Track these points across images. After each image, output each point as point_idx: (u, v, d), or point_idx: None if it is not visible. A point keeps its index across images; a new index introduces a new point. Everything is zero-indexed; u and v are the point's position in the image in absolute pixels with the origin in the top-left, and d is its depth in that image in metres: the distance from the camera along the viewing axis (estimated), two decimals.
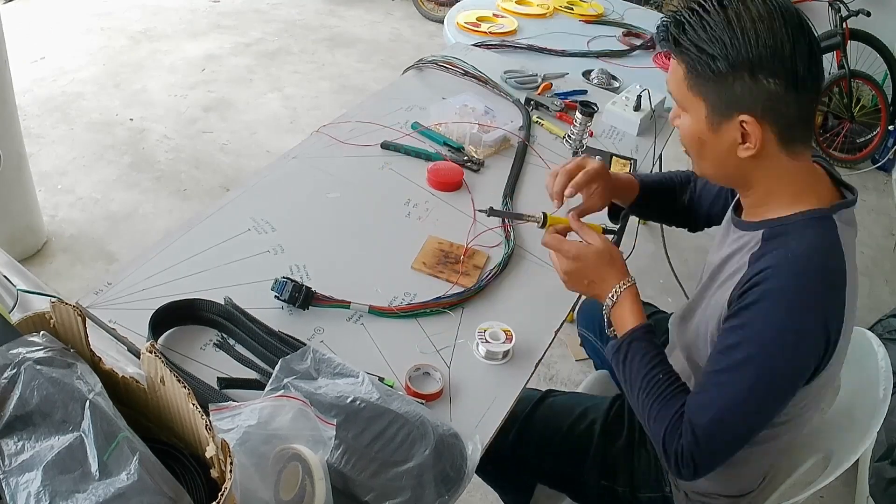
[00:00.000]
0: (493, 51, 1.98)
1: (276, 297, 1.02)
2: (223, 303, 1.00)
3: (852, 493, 1.89)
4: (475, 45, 1.98)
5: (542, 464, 1.19)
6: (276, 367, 0.84)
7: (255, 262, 1.11)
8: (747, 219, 0.96)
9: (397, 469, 0.76)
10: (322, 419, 0.73)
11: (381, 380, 0.93)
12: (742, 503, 1.09)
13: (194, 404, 0.63)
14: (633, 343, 0.96)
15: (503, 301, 1.12)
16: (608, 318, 1.01)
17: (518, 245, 1.23)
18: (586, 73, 1.91)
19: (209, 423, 0.63)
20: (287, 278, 1.03)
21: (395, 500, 0.74)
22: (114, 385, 0.71)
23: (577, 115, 1.47)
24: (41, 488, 0.57)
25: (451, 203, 1.32)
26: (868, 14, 3.22)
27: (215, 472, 0.62)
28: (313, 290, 1.03)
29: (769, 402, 0.87)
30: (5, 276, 0.97)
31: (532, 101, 1.68)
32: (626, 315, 0.99)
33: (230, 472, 0.59)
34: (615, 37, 2.21)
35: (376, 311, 1.05)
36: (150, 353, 0.67)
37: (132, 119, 3.15)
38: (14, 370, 0.63)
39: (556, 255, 1.03)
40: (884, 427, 1.15)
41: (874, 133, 3.49)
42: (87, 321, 0.72)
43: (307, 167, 1.37)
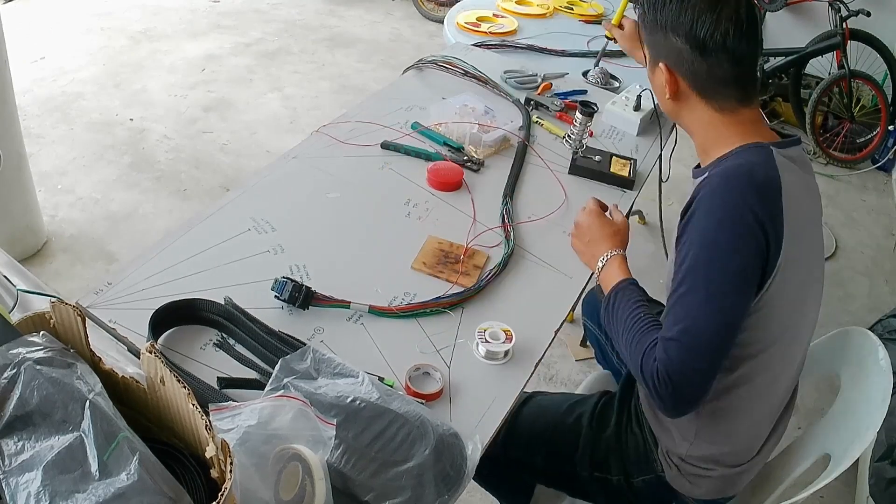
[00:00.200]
0: (493, 51, 1.98)
1: (276, 296, 1.02)
2: (223, 303, 1.00)
3: (852, 493, 1.89)
4: (475, 45, 1.98)
5: (535, 462, 1.20)
6: (276, 367, 0.84)
7: (255, 262, 1.12)
8: (702, 160, 1.07)
9: (397, 469, 0.76)
10: (322, 419, 0.73)
11: (381, 380, 0.93)
12: (734, 478, 1.08)
13: (194, 404, 0.63)
14: (619, 292, 1.05)
15: (503, 301, 1.12)
16: (598, 284, 1.12)
17: (518, 245, 1.23)
18: (586, 73, 1.91)
19: (209, 423, 0.63)
20: (287, 278, 1.03)
21: (395, 500, 0.74)
22: (114, 385, 0.71)
23: (577, 115, 1.47)
24: (41, 488, 0.57)
25: (451, 203, 1.32)
26: (868, 14, 3.22)
27: (215, 472, 0.62)
28: (313, 289, 1.03)
29: (728, 298, 0.90)
30: (5, 276, 0.97)
31: (532, 101, 1.68)
32: (615, 273, 1.08)
33: (230, 472, 0.59)
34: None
35: (376, 311, 1.05)
36: (150, 353, 0.67)
37: (132, 119, 3.15)
38: (14, 370, 0.63)
39: (582, 211, 1.19)
40: (884, 427, 1.15)
41: (874, 133, 3.49)
42: (87, 321, 0.72)
43: (307, 167, 1.37)
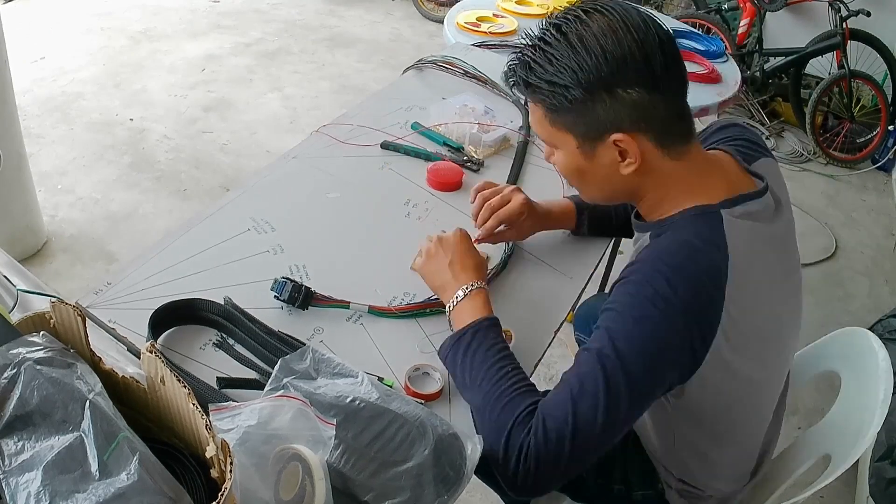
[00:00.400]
0: (493, 51, 1.98)
1: (275, 297, 1.02)
2: (223, 303, 1.00)
3: (852, 493, 1.89)
4: (475, 45, 1.98)
5: None
6: (276, 367, 0.84)
7: (254, 262, 1.12)
8: (644, 220, 0.96)
9: (397, 469, 0.76)
10: (322, 419, 0.73)
11: (381, 380, 0.93)
12: (734, 499, 1.09)
13: (194, 404, 0.63)
14: (480, 331, 0.93)
15: (503, 301, 1.12)
16: (450, 316, 0.99)
17: (518, 245, 1.23)
18: None
19: (209, 423, 0.63)
20: (287, 278, 1.03)
21: (395, 500, 0.74)
22: (114, 385, 0.71)
23: None
24: (41, 488, 0.57)
25: (451, 203, 1.32)
26: (868, 14, 3.22)
27: (215, 472, 0.62)
28: (313, 290, 1.03)
29: (621, 405, 0.80)
30: (5, 276, 0.97)
31: None
32: (478, 308, 0.97)
33: (230, 472, 0.59)
34: None
35: (376, 312, 1.05)
36: (150, 352, 0.67)
37: (132, 119, 3.15)
38: (14, 370, 0.63)
39: (441, 233, 1.06)
40: (884, 427, 1.15)
41: (874, 133, 3.50)
42: (87, 321, 0.72)
43: (307, 167, 1.37)
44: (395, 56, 4.04)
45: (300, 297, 1.01)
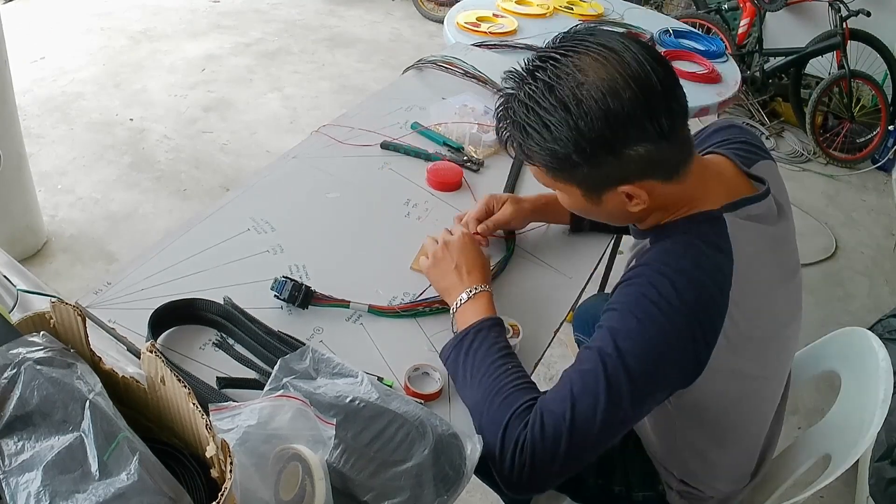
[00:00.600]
0: (493, 51, 1.97)
1: (275, 296, 1.02)
2: (222, 302, 1.00)
3: (852, 493, 1.89)
4: (475, 45, 1.98)
5: None
6: (276, 367, 0.84)
7: (254, 262, 1.12)
8: (642, 227, 0.95)
9: (396, 469, 0.76)
10: (322, 419, 0.73)
11: (381, 379, 0.93)
12: (734, 500, 1.09)
13: (194, 404, 0.63)
14: (482, 330, 0.93)
15: (503, 301, 1.12)
16: (454, 317, 1.00)
17: (518, 245, 1.23)
18: None
19: (209, 422, 0.63)
20: (287, 278, 1.03)
21: (394, 500, 0.74)
22: (114, 385, 0.71)
23: None
24: (41, 488, 0.57)
25: (451, 203, 1.32)
26: (868, 14, 3.22)
27: (215, 472, 0.62)
28: (313, 289, 1.03)
29: (621, 405, 0.80)
30: (5, 276, 0.97)
31: None
32: (482, 309, 0.97)
33: (230, 472, 0.59)
34: None
35: (376, 311, 1.05)
36: (150, 352, 0.67)
37: (132, 119, 3.15)
38: (14, 370, 0.63)
39: (446, 232, 1.07)
40: (884, 427, 1.15)
41: (874, 133, 3.50)
42: (87, 321, 0.72)
43: (307, 167, 1.37)
44: (395, 56, 4.04)
45: (300, 296, 1.01)
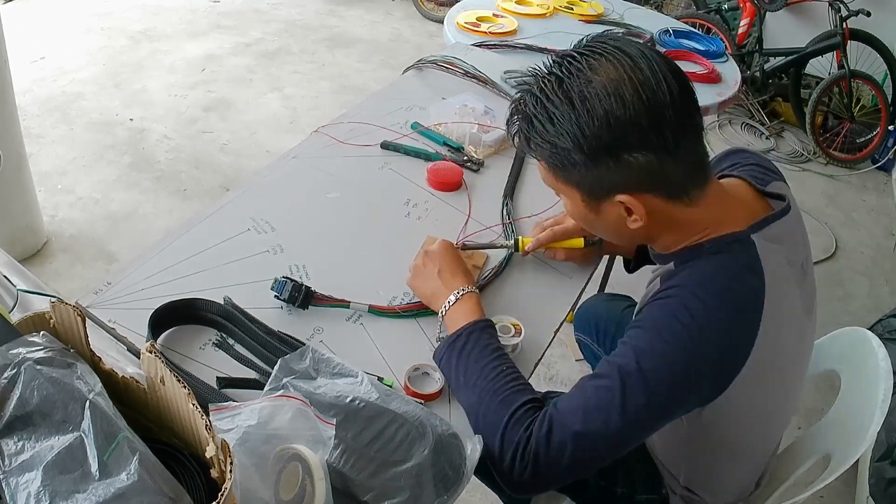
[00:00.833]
0: (493, 51, 1.98)
1: (275, 296, 1.02)
2: (222, 302, 1.00)
3: (852, 493, 1.89)
4: (475, 45, 1.98)
5: None
6: (276, 367, 0.84)
7: (254, 262, 1.12)
8: (661, 251, 0.92)
9: (396, 469, 0.76)
10: (322, 419, 0.73)
11: (381, 379, 0.93)
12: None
13: (194, 404, 0.63)
14: (474, 332, 0.93)
15: (503, 301, 1.12)
16: (442, 322, 1.00)
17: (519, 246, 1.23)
18: None
19: (209, 423, 0.63)
20: (287, 278, 1.03)
21: (394, 500, 0.74)
22: (114, 385, 0.71)
23: None
24: (41, 488, 0.57)
25: (451, 203, 1.32)
26: (868, 14, 3.22)
27: (215, 472, 0.62)
28: (313, 289, 1.03)
29: (634, 425, 0.80)
30: (5, 276, 0.97)
31: None
32: (470, 311, 0.97)
33: (230, 472, 0.59)
34: None
35: (376, 311, 1.05)
36: (150, 352, 0.67)
37: (132, 119, 3.15)
38: (14, 370, 0.63)
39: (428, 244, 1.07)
40: (884, 427, 1.15)
41: (874, 133, 3.50)
42: (87, 321, 0.72)
43: (307, 167, 1.37)
44: (395, 56, 4.04)
45: (300, 296, 1.01)
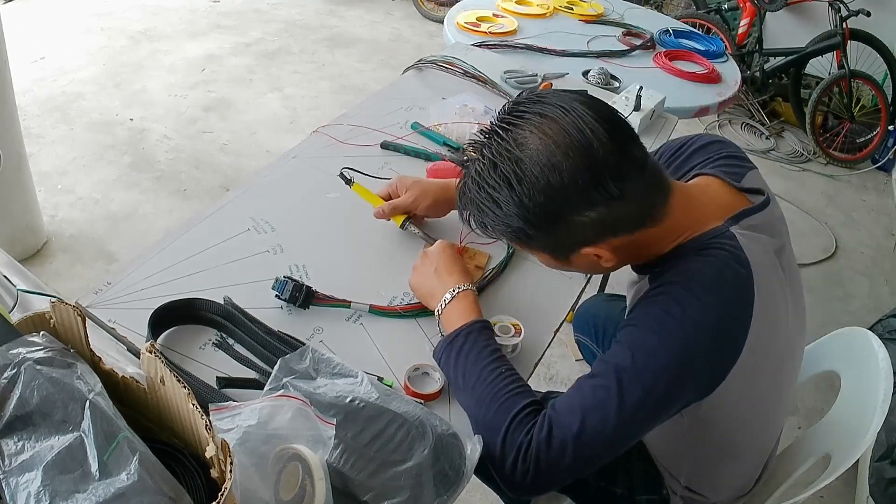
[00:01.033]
0: (493, 51, 1.98)
1: (276, 296, 1.02)
2: (222, 302, 1.00)
3: (852, 493, 1.89)
4: (475, 45, 1.98)
5: None
6: (276, 367, 0.84)
7: (254, 262, 1.12)
8: (642, 263, 0.93)
9: (396, 469, 0.76)
10: (321, 419, 0.73)
11: (381, 379, 0.93)
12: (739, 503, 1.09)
13: (194, 404, 0.63)
14: (471, 333, 0.93)
15: (503, 301, 1.12)
16: (440, 320, 1.00)
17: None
18: (586, 73, 1.91)
19: (209, 422, 0.63)
20: (288, 278, 1.03)
21: (394, 500, 0.74)
22: (114, 385, 0.71)
23: None
24: (41, 488, 0.57)
25: (455, 208, 1.32)
26: (868, 14, 3.22)
27: (215, 472, 0.62)
28: (314, 289, 1.03)
29: (632, 421, 0.80)
30: (5, 276, 0.97)
31: None
32: (467, 310, 0.97)
33: (230, 472, 0.59)
34: (615, 37, 2.21)
35: (377, 311, 1.05)
36: (150, 352, 0.67)
37: (132, 119, 3.15)
38: (14, 370, 0.63)
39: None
40: (884, 427, 1.15)
41: (874, 133, 3.50)
42: (87, 321, 0.72)
43: (307, 167, 1.37)
44: (395, 56, 4.04)
45: (301, 296, 1.01)
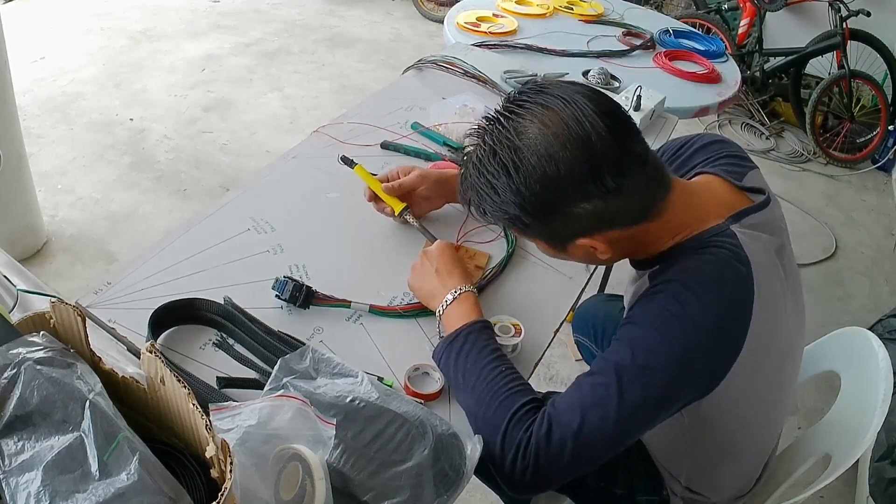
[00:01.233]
0: (493, 51, 1.98)
1: (276, 296, 1.02)
2: (223, 302, 1.00)
3: (852, 493, 1.89)
4: (475, 45, 1.98)
5: None
6: (276, 367, 0.84)
7: (254, 262, 1.12)
8: (642, 258, 0.93)
9: (396, 469, 0.76)
10: (322, 419, 0.73)
11: (381, 379, 0.93)
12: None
13: (194, 404, 0.63)
14: (472, 333, 0.93)
15: (503, 301, 1.12)
16: (440, 320, 1.00)
17: (519, 246, 1.23)
18: (586, 73, 1.91)
19: (209, 422, 0.63)
20: (288, 278, 1.03)
21: (394, 500, 0.74)
22: (114, 385, 0.71)
23: None
24: (41, 488, 0.57)
25: (451, 203, 1.32)
26: (868, 14, 3.22)
27: (215, 472, 0.62)
28: (314, 289, 1.03)
29: (632, 419, 0.80)
30: (5, 276, 0.97)
31: None
32: (468, 310, 0.97)
33: (230, 472, 0.59)
34: (615, 37, 2.21)
35: (377, 311, 1.05)
36: (150, 352, 0.67)
37: (132, 119, 3.15)
38: (14, 370, 0.63)
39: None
40: (884, 427, 1.15)
41: (874, 133, 3.50)
42: (87, 321, 0.72)
43: (307, 167, 1.37)
44: (395, 56, 4.04)
45: (301, 296, 1.01)
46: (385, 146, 1.45)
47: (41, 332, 0.69)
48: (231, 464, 0.60)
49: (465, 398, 0.90)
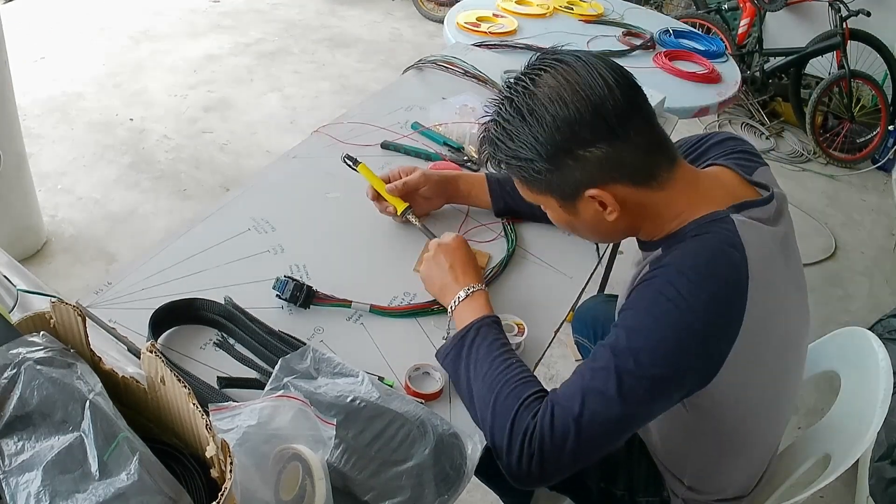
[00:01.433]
0: (493, 51, 1.98)
1: (277, 295, 1.02)
2: (223, 302, 1.00)
3: (852, 493, 1.89)
4: (475, 45, 1.98)
5: None
6: (276, 367, 0.84)
7: (254, 262, 1.12)
8: (646, 238, 0.96)
9: (397, 468, 0.76)
10: (322, 419, 0.73)
11: (381, 379, 0.93)
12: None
13: (194, 404, 0.63)
14: (482, 328, 0.95)
15: (503, 301, 1.12)
16: (451, 316, 1.01)
17: (518, 245, 1.23)
18: None
19: (209, 422, 0.63)
20: (289, 277, 1.03)
21: (395, 500, 0.74)
22: (114, 385, 0.71)
23: None
24: (41, 488, 0.57)
25: (451, 203, 1.32)
26: (868, 14, 3.23)
27: (215, 472, 0.62)
28: (314, 289, 1.03)
29: (632, 403, 0.81)
30: (5, 276, 0.97)
31: None
32: (479, 307, 0.99)
33: (230, 472, 0.59)
34: (615, 37, 2.21)
35: (378, 311, 1.05)
36: (151, 352, 0.67)
37: (132, 119, 3.15)
38: (14, 370, 0.63)
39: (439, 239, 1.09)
40: (884, 427, 1.15)
41: (874, 133, 3.50)
42: (87, 321, 0.72)
43: (307, 167, 1.37)
44: (395, 56, 4.04)
45: (301, 296, 1.02)
46: (385, 146, 1.45)
47: (41, 332, 0.69)
48: (231, 464, 0.60)
49: (476, 389, 0.90)
